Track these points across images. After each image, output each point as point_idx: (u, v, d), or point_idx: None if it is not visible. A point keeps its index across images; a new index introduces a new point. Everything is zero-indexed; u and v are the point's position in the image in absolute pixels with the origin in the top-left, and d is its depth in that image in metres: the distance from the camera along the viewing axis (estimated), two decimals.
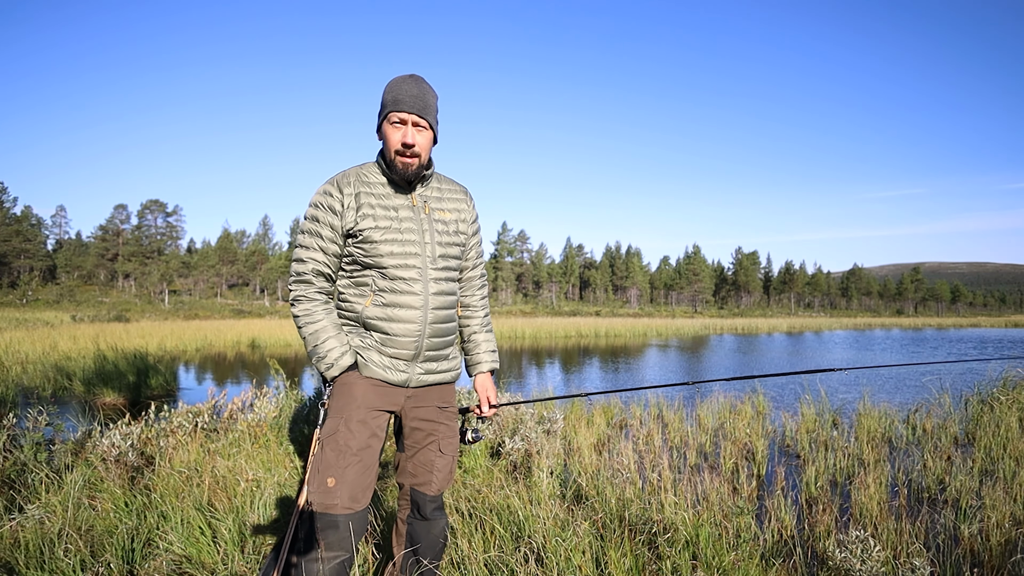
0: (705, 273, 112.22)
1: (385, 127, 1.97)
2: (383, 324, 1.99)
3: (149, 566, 2.66)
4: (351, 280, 2.05)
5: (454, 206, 2.15)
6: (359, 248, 1.99)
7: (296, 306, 2.02)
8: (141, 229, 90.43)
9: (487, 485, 3.64)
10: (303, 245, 2.02)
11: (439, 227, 2.07)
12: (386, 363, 2.01)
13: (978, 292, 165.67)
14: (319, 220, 1.98)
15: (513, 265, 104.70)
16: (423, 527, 2.13)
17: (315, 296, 2.01)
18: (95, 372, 9.63)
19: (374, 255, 1.97)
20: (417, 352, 2.03)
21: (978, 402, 6.75)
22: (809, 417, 6.19)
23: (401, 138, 1.95)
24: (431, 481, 2.10)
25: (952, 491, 3.80)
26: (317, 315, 1.99)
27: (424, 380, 2.07)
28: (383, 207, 1.99)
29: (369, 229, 1.97)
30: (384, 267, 1.98)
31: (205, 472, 3.58)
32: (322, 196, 1.99)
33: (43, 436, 3.95)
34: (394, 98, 1.94)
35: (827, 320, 73.23)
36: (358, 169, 2.04)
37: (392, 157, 1.97)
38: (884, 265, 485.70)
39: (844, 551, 2.64)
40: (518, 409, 5.26)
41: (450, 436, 2.15)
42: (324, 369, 1.98)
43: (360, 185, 2.00)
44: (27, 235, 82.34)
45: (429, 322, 2.03)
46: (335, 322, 2.02)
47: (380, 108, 1.99)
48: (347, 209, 1.97)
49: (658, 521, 2.93)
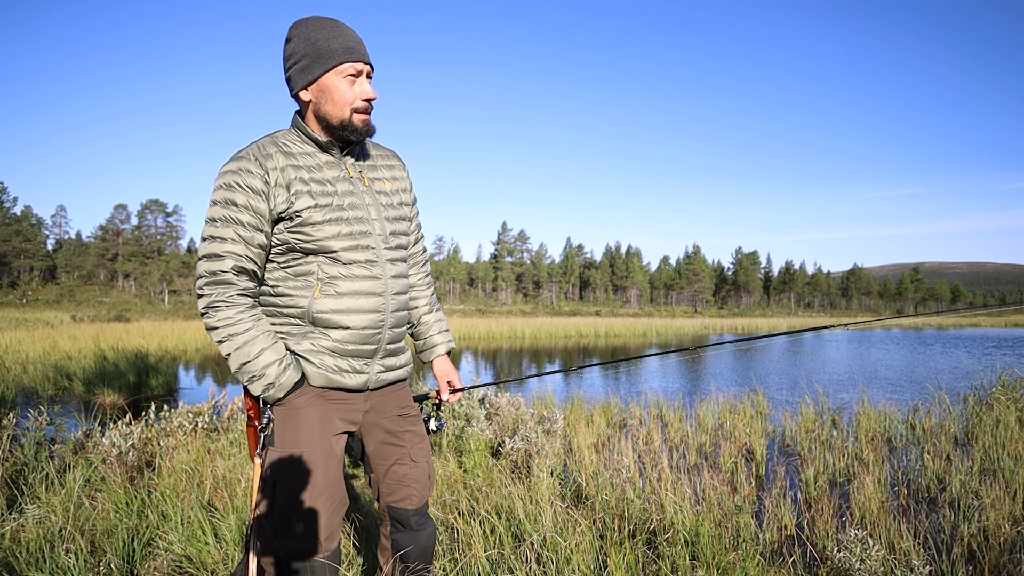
0: (705, 273, 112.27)
1: (332, 81, 1.63)
2: (339, 318, 1.67)
3: (149, 566, 2.67)
4: (287, 271, 1.69)
5: (391, 174, 1.85)
6: (297, 234, 1.64)
7: (212, 315, 1.59)
8: (141, 229, 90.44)
9: (487, 485, 3.64)
10: (216, 237, 1.60)
11: (383, 199, 1.77)
12: (342, 365, 1.70)
13: (978, 292, 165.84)
14: (236, 204, 1.58)
15: (513, 265, 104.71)
16: (409, 537, 1.89)
17: (237, 300, 1.60)
18: (95, 372, 9.65)
19: (318, 239, 1.64)
20: (379, 347, 1.75)
21: (977, 401, 6.76)
22: (809, 417, 6.20)
23: (363, 92, 1.65)
24: (410, 495, 1.85)
25: (951, 490, 3.81)
26: (243, 323, 1.60)
27: (383, 379, 1.80)
28: (317, 181, 1.65)
29: (308, 209, 1.62)
30: (333, 251, 1.66)
31: (205, 472, 3.59)
32: (237, 174, 1.59)
33: (44, 436, 3.96)
34: (346, 46, 1.63)
35: (827, 320, 73.23)
36: (273, 139, 1.68)
37: (347, 117, 1.65)
38: (884, 265, 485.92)
39: (843, 550, 2.65)
40: (517, 409, 5.27)
41: (419, 442, 1.89)
42: (261, 391, 1.61)
43: (284, 158, 1.64)
44: (27, 235, 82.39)
45: (392, 310, 1.75)
46: (267, 330, 1.63)
47: (313, 59, 1.63)
48: (275, 187, 1.60)
49: (658, 520, 2.94)
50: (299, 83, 1.66)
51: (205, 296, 1.61)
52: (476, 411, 4.89)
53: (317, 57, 1.63)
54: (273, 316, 1.72)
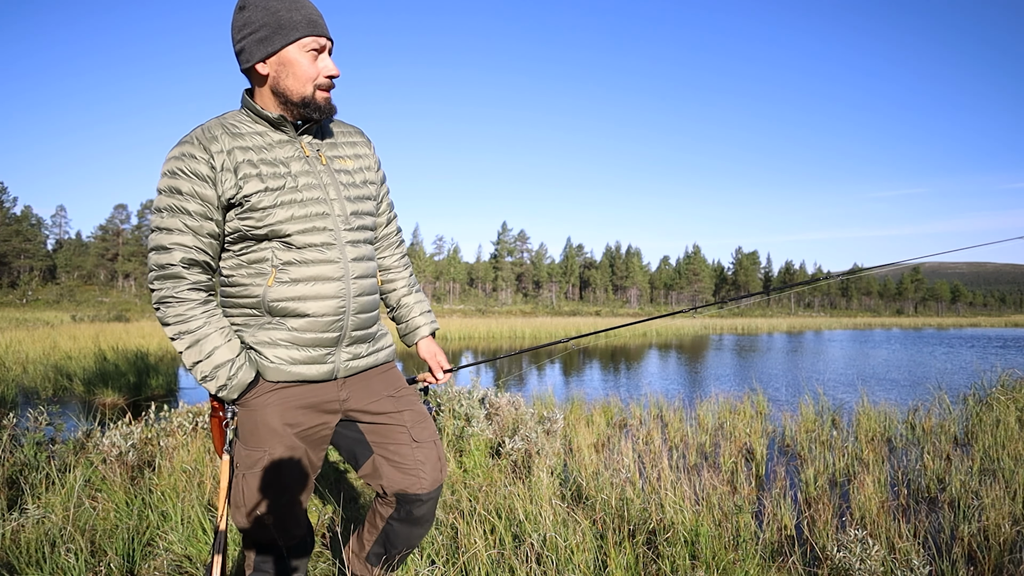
0: (705, 273, 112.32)
1: (295, 55, 1.54)
2: (295, 305, 1.58)
3: (150, 566, 2.67)
4: (240, 259, 1.60)
5: (353, 151, 1.74)
6: (247, 219, 1.55)
7: (163, 310, 1.53)
8: (141, 229, 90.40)
9: (487, 485, 3.65)
10: (163, 228, 1.52)
11: (343, 178, 1.67)
12: (302, 357, 1.61)
13: (978, 292, 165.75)
14: (182, 192, 1.50)
15: (513, 265, 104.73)
16: (405, 530, 1.79)
17: (188, 295, 1.54)
18: (95, 372, 9.65)
19: (270, 224, 1.55)
20: (342, 334, 1.65)
21: (977, 401, 6.76)
22: (808, 417, 6.20)
23: (326, 68, 1.58)
24: (419, 477, 1.73)
25: (951, 490, 3.81)
26: (196, 320, 1.53)
27: (353, 367, 1.70)
28: (267, 163, 1.56)
29: (257, 193, 1.53)
30: (286, 235, 1.57)
31: (206, 472, 3.59)
32: (181, 159, 1.51)
33: (44, 436, 3.96)
34: (306, 18, 1.54)
35: (827, 320, 73.27)
36: (220, 120, 1.59)
37: (310, 93, 1.57)
38: (884, 265, 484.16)
39: (843, 550, 2.65)
40: (518, 409, 5.27)
41: (420, 421, 1.78)
42: (215, 390, 1.55)
43: (231, 140, 1.54)
44: (27, 235, 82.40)
45: (353, 295, 1.65)
46: (221, 327, 1.56)
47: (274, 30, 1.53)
48: (222, 172, 1.52)
49: (658, 520, 2.94)
50: (256, 55, 1.55)
51: (156, 291, 1.54)
52: (476, 411, 4.89)
53: (278, 28, 1.52)
54: (229, 307, 1.65)
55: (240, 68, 1.61)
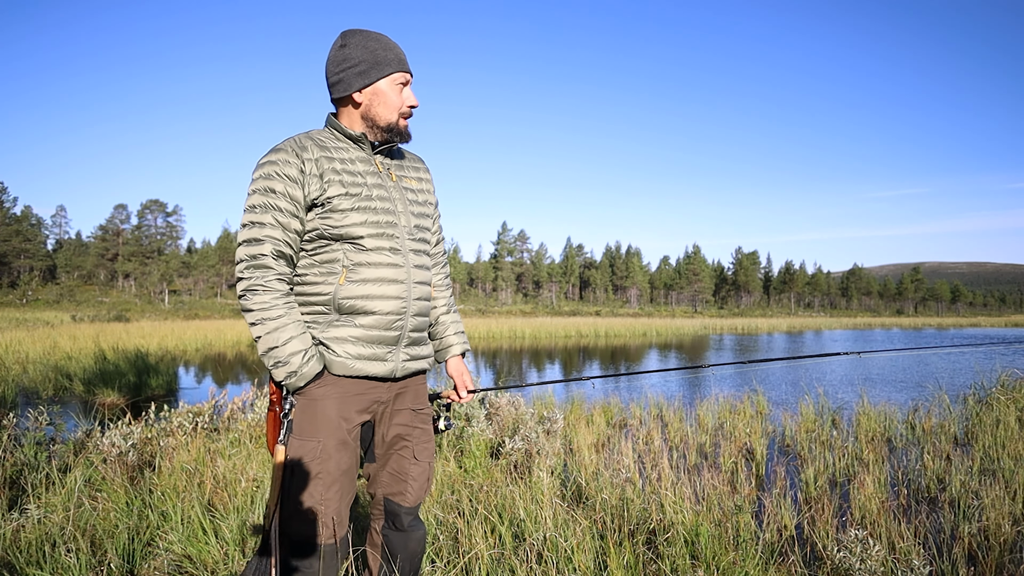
0: (705, 273, 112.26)
1: (386, 87, 1.79)
2: (362, 303, 1.74)
3: (150, 565, 2.67)
4: (314, 258, 1.76)
5: (418, 175, 1.98)
6: (326, 220, 1.72)
7: (249, 298, 1.67)
8: (141, 229, 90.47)
9: (488, 485, 3.65)
10: (256, 222, 1.68)
11: (409, 196, 1.89)
12: (367, 353, 1.75)
13: (978, 292, 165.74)
14: (275, 191, 1.68)
15: (513, 265, 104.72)
16: (400, 539, 1.92)
17: (275, 285, 1.68)
18: (95, 372, 9.65)
19: (345, 225, 1.72)
20: (401, 334, 1.81)
21: (977, 401, 6.76)
22: (809, 417, 6.20)
23: (408, 99, 1.83)
24: (406, 491, 1.88)
25: (951, 490, 3.81)
26: (277, 310, 1.67)
27: (410, 368, 1.86)
28: (348, 172, 1.77)
29: (338, 196, 1.72)
30: (358, 238, 1.74)
31: (206, 472, 3.59)
32: (275, 164, 1.70)
33: (44, 436, 3.96)
34: (399, 57, 1.81)
35: (827, 320, 73.25)
36: (308, 135, 1.80)
37: (395, 120, 1.81)
38: (884, 265, 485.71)
39: (843, 550, 2.65)
40: (518, 409, 5.27)
41: (425, 441, 1.92)
42: (284, 378, 1.67)
43: (319, 150, 1.75)
44: (27, 235, 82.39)
45: (413, 298, 1.82)
46: (298, 319, 1.71)
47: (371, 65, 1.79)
48: (310, 176, 1.71)
49: (658, 520, 2.94)
50: (355, 85, 1.79)
51: (244, 279, 1.68)
52: (476, 411, 4.89)
53: (375, 64, 1.78)
54: (301, 305, 1.78)
55: (332, 96, 1.85)
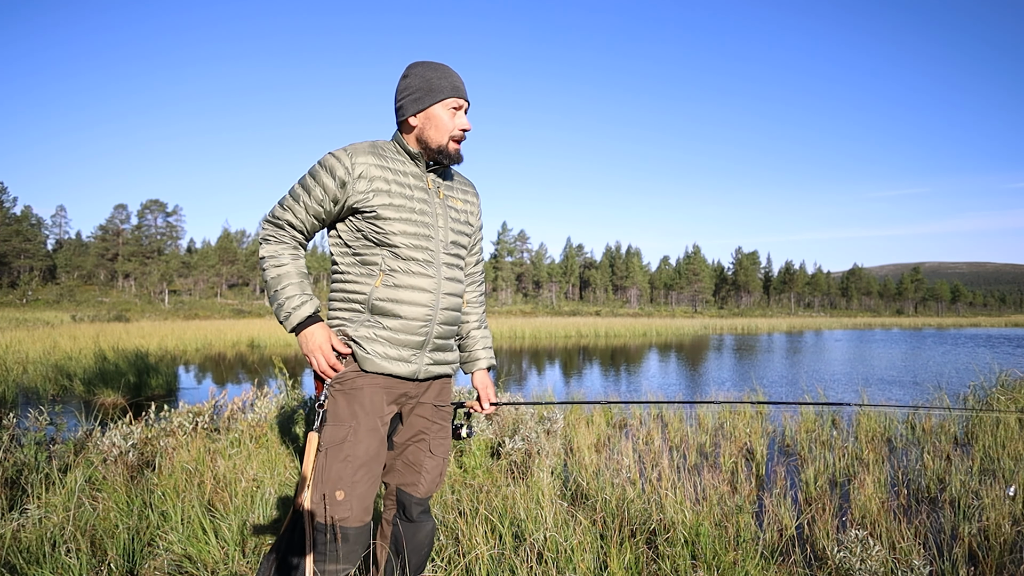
0: (705, 273, 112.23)
1: (439, 112, 1.94)
2: (393, 307, 1.90)
3: (150, 565, 2.67)
4: (358, 259, 1.94)
5: (465, 197, 2.13)
6: (371, 224, 1.90)
7: (264, 246, 1.95)
8: (141, 229, 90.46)
9: (488, 485, 3.65)
10: (292, 195, 1.93)
11: (452, 214, 2.03)
12: (393, 354, 1.90)
13: (978, 292, 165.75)
14: (316, 178, 1.89)
15: (513, 265, 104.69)
16: (409, 530, 2.05)
17: (285, 239, 1.93)
18: (95, 372, 9.65)
19: (387, 232, 1.89)
20: (426, 340, 1.95)
21: (976, 401, 6.76)
22: (809, 417, 6.20)
23: (460, 123, 1.96)
24: (419, 482, 2.03)
25: (951, 490, 3.81)
26: (283, 258, 1.91)
27: (432, 371, 2.00)
28: (399, 184, 1.93)
29: (382, 206, 1.88)
30: (396, 246, 1.90)
31: (206, 472, 3.59)
32: (330, 159, 1.90)
33: (44, 435, 3.96)
34: (453, 84, 1.96)
35: (827, 320, 73.26)
36: (373, 143, 1.97)
37: (444, 143, 1.95)
38: (884, 265, 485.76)
39: (843, 550, 2.65)
40: (517, 410, 5.27)
41: (442, 437, 2.07)
42: (282, 319, 1.89)
43: (375, 159, 1.92)
44: (27, 235, 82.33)
45: (440, 308, 1.96)
46: (300, 269, 1.94)
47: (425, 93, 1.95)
48: (357, 179, 1.88)
49: (658, 520, 2.94)
50: (410, 110, 1.96)
51: (265, 230, 1.96)
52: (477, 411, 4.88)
53: (428, 91, 1.94)
54: (339, 301, 1.97)
55: (396, 120, 2.02)
